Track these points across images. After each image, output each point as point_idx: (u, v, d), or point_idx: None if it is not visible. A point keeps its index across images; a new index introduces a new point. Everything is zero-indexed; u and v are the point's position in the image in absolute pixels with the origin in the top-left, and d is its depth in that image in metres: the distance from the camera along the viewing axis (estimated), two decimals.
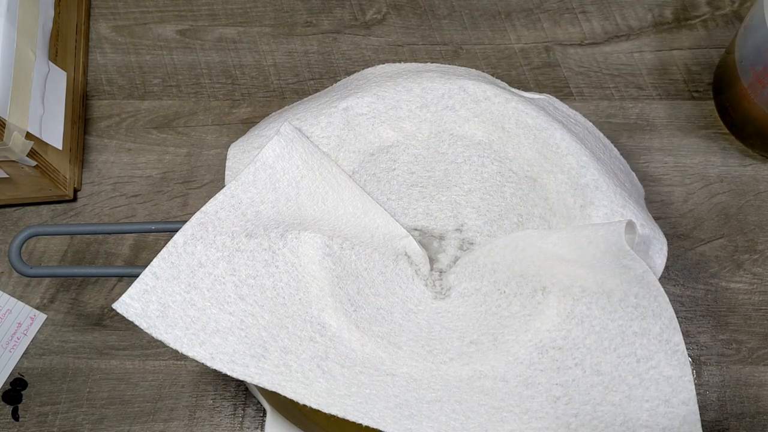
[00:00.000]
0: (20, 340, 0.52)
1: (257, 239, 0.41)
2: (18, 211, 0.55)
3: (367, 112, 0.45)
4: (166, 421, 0.50)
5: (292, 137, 0.42)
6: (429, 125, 0.45)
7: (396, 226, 0.45)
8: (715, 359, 0.51)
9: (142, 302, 0.39)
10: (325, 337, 0.41)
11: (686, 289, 0.52)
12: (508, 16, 0.60)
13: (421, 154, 0.45)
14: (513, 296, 0.43)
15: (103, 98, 0.58)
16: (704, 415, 0.49)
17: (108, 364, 0.52)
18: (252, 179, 0.41)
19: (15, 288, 0.53)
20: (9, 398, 0.51)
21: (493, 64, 0.58)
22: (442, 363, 0.41)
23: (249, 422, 0.50)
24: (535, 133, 0.44)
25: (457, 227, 0.47)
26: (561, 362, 0.40)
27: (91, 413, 0.51)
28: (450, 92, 0.45)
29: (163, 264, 0.39)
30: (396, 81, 0.45)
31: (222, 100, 0.58)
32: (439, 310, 0.44)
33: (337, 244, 0.43)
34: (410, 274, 0.45)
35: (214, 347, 0.39)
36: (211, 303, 0.39)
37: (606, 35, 0.59)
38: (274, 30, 0.60)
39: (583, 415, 0.39)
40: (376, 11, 0.60)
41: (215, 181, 0.56)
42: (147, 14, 0.60)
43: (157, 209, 0.55)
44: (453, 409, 0.39)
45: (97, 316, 0.53)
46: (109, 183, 0.56)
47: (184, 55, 0.59)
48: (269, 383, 0.39)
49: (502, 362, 0.41)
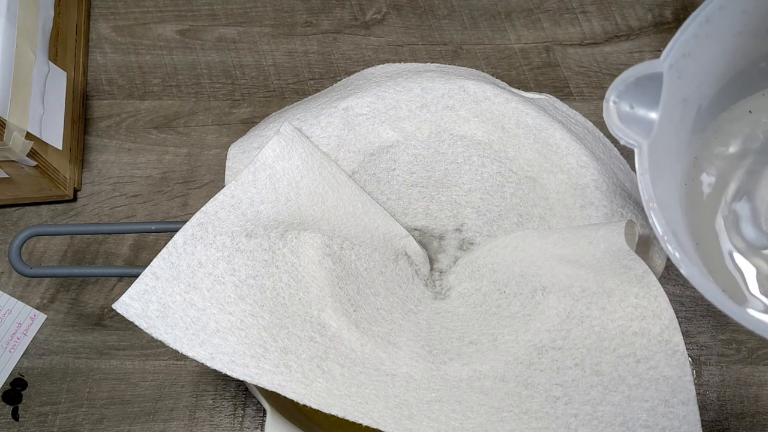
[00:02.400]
0: (20, 340, 0.52)
1: (257, 239, 0.41)
2: (18, 211, 0.55)
3: (367, 112, 0.45)
4: (166, 421, 0.50)
5: (292, 137, 0.42)
6: (429, 125, 0.45)
7: (396, 226, 0.45)
8: (715, 359, 0.51)
9: (142, 302, 0.39)
10: (325, 337, 0.41)
11: (686, 289, 0.52)
12: (508, 16, 0.60)
13: (421, 154, 0.45)
14: (513, 296, 0.43)
15: (103, 98, 0.58)
16: (704, 415, 0.49)
17: (108, 364, 0.52)
18: (252, 179, 0.41)
19: (15, 288, 0.54)
20: (9, 398, 0.51)
21: (493, 64, 0.58)
22: (441, 363, 0.41)
23: (249, 422, 0.50)
24: (535, 133, 0.44)
25: (456, 227, 0.47)
26: (561, 362, 0.40)
27: (91, 413, 0.51)
28: (450, 92, 0.45)
29: (163, 264, 0.39)
30: (396, 81, 0.45)
31: (222, 100, 0.58)
32: (439, 310, 0.44)
33: (337, 244, 0.43)
34: (410, 274, 0.45)
35: (214, 347, 0.39)
36: (211, 303, 0.39)
37: (606, 35, 0.59)
38: (274, 30, 0.60)
39: (582, 416, 0.39)
40: (376, 11, 0.60)
41: (215, 181, 0.56)
42: (147, 14, 0.60)
43: (157, 209, 0.55)
44: (453, 409, 0.39)
45: (97, 316, 0.53)
46: (109, 183, 0.56)
47: (184, 55, 0.59)
48: (269, 383, 0.39)
49: (502, 362, 0.41)
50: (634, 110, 0.32)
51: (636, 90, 0.32)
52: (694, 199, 0.37)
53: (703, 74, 0.35)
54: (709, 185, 0.38)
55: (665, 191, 0.34)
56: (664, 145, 0.34)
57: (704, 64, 0.35)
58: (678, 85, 0.34)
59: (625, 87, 0.32)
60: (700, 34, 0.33)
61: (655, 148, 0.32)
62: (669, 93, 0.33)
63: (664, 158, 0.34)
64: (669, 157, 0.35)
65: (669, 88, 0.33)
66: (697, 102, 0.36)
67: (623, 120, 0.32)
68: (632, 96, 0.32)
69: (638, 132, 0.32)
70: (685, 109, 0.35)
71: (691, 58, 0.33)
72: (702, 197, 0.37)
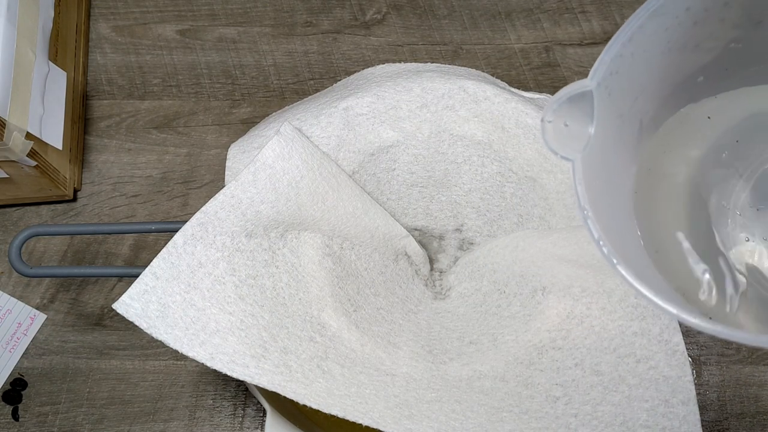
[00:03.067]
0: (20, 340, 0.52)
1: (257, 239, 0.41)
2: (18, 211, 0.55)
3: (367, 112, 0.45)
4: (166, 421, 0.50)
5: (292, 137, 0.42)
6: (429, 125, 0.45)
7: (396, 226, 0.45)
8: (715, 359, 0.51)
9: (142, 302, 0.39)
10: (325, 337, 0.41)
11: None
12: (508, 16, 0.60)
13: (421, 154, 0.45)
14: (513, 296, 0.43)
15: (103, 98, 0.58)
16: (704, 415, 0.49)
17: (108, 364, 0.52)
18: (252, 179, 0.41)
19: (15, 288, 0.54)
20: (9, 398, 0.51)
21: (493, 64, 0.58)
22: (441, 363, 0.41)
23: (249, 422, 0.50)
24: (535, 133, 0.44)
25: (456, 227, 0.47)
26: (561, 362, 0.40)
27: (91, 413, 0.51)
28: (450, 92, 0.45)
29: (163, 264, 0.39)
30: (396, 81, 0.45)
31: (222, 100, 0.58)
32: (439, 310, 0.44)
33: (337, 244, 0.43)
34: (410, 274, 0.45)
35: (214, 347, 0.39)
36: (211, 303, 0.39)
37: (606, 35, 0.59)
38: (274, 30, 0.60)
39: (582, 415, 0.39)
40: (376, 11, 0.60)
41: (215, 181, 0.56)
42: (147, 14, 0.60)
43: (157, 209, 0.55)
44: (452, 409, 0.39)
45: (97, 316, 0.53)
46: (109, 183, 0.56)
47: (184, 55, 0.59)
48: (269, 383, 0.39)
49: (502, 362, 0.41)
50: (568, 127, 0.34)
51: (570, 108, 0.34)
52: (651, 207, 0.37)
53: (637, 90, 0.36)
54: (668, 194, 0.38)
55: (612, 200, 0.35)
56: (606, 158, 0.35)
57: (636, 80, 0.36)
58: (610, 101, 0.35)
59: (558, 106, 0.34)
60: (624, 53, 0.34)
61: (593, 162, 0.34)
62: (602, 110, 0.34)
63: (607, 170, 0.35)
64: (612, 168, 0.36)
65: (601, 106, 0.34)
66: (638, 117, 0.37)
67: (558, 137, 0.34)
68: (566, 114, 0.34)
69: (574, 147, 0.34)
70: (624, 124, 0.37)
71: (621, 76, 0.35)
72: (661, 205, 0.38)
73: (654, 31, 0.35)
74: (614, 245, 0.32)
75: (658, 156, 0.38)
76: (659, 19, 0.34)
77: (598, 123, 0.34)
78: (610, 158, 0.36)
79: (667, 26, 0.35)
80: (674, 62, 0.36)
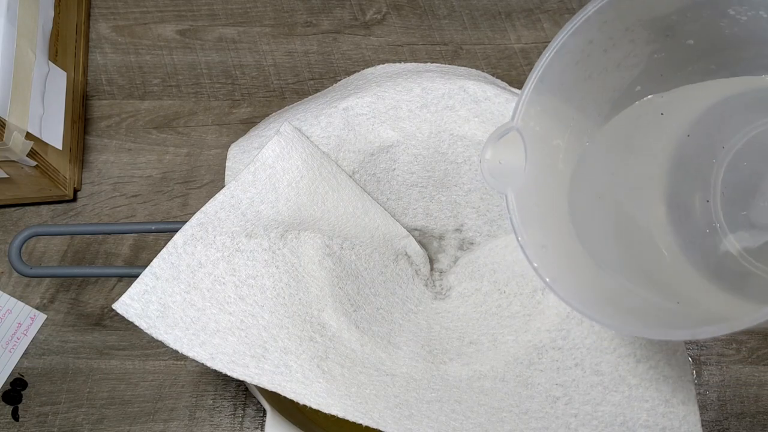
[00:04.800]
0: (20, 340, 0.52)
1: (257, 239, 0.41)
2: (18, 211, 0.55)
3: (367, 112, 0.45)
4: (166, 421, 0.50)
5: (292, 137, 0.42)
6: (429, 125, 0.45)
7: (396, 226, 0.45)
8: (715, 359, 0.51)
9: (142, 302, 0.39)
10: (325, 337, 0.41)
11: None
12: (508, 16, 0.60)
13: (421, 154, 0.45)
14: (513, 296, 0.43)
15: (103, 98, 0.58)
16: (704, 415, 0.49)
17: (108, 364, 0.52)
18: (252, 179, 0.41)
19: (15, 288, 0.54)
20: (9, 398, 0.51)
21: (493, 64, 0.58)
22: (441, 363, 0.41)
23: (249, 422, 0.50)
24: None
25: (456, 227, 0.47)
26: (561, 362, 0.40)
27: (91, 413, 0.51)
28: (450, 92, 0.45)
29: (163, 264, 0.39)
30: (396, 81, 0.45)
31: (222, 100, 0.58)
32: (439, 310, 0.44)
33: (337, 244, 0.43)
34: (410, 274, 0.45)
35: (214, 347, 0.39)
36: (211, 303, 0.39)
37: None
38: (274, 30, 0.60)
39: (582, 415, 0.39)
40: (376, 11, 0.60)
41: (215, 181, 0.56)
42: (147, 14, 0.60)
43: (157, 209, 0.55)
44: (453, 409, 0.39)
45: (97, 316, 0.53)
46: (109, 183, 0.56)
47: (184, 55, 0.59)
48: (269, 383, 0.39)
49: (502, 362, 0.41)
50: (502, 165, 0.37)
51: (503, 147, 0.37)
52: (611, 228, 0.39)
53: (569, 118, 0.38)
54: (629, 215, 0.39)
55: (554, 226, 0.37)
56: (543, 187, 0.37)
57: (564, 110, 0.38)
58: (543, 133, 0.37)
59: (492, 146, 0.37)
60: (542, 89, 0.36)
61: (529, 192, 0.36)
62: (535, 142, 0.37)
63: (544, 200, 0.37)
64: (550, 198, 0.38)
65: (534, 139, 0.37)
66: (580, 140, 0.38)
67: (494, 174, 0.37)
68: (500, 153, 0.37)
69: (508, 182, 0.36)
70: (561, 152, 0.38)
71: (545, 111, 0.37)
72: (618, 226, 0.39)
73: (565, 66, 0.36)
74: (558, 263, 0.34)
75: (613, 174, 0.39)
76: (566, 56, 0.36)
77: (531, 157, 0.36)
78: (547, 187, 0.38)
79: (578, 60, 0.36)
80: (601, 84, 0.38)
